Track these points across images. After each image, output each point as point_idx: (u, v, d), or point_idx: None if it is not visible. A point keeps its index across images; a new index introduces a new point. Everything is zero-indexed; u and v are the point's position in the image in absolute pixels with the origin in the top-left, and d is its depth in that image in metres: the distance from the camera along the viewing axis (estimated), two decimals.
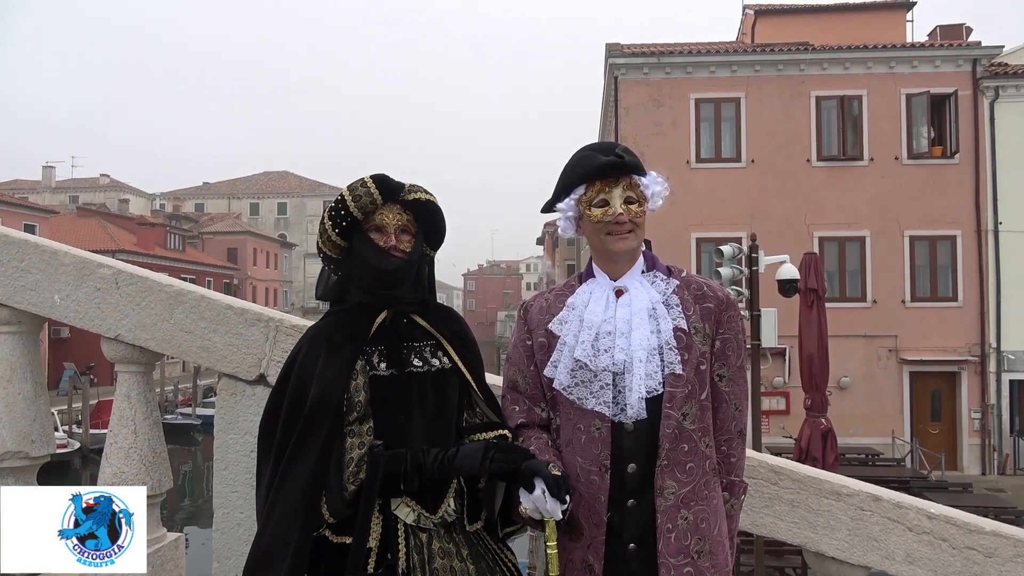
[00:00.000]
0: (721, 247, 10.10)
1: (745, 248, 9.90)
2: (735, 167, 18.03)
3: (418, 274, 1.83)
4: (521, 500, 1.64)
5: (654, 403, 1.67)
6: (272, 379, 2.25)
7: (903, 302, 17.66)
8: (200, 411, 31.08)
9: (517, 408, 1.83)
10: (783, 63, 17.95)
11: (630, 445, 1.68)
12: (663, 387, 1.68)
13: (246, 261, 48.79)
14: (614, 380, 1.70)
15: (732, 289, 9.33)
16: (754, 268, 9.48)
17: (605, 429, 1.69)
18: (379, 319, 1.76)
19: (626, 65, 18.20)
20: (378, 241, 1.77)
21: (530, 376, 1.82)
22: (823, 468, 7.36)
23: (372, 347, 1.74)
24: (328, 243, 1.82)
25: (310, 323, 2.32)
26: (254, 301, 41.76)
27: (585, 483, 1.68)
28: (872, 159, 17.78)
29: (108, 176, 56.44)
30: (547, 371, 1.77)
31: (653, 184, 1.77)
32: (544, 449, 1.73)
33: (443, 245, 1.92)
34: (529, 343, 1.84)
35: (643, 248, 1.85)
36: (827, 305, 9.44)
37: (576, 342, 1.73)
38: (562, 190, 1.80)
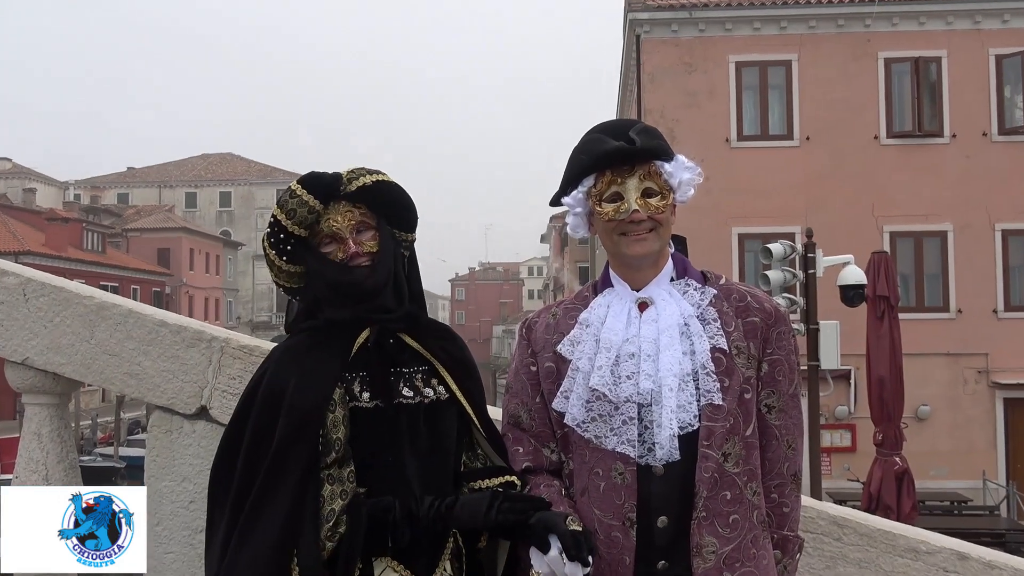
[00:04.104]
0: (769, 246, 10.10)
1: (799, 246, 9.92)
2: (786, 146, 18.06)
3: (396, 276, 1.84)
4: (533, 562, 1.64)
5: (688, 441, 1.68)
6: (216, 412, 2.26)
7: (995, 312, 17.66)
8: (124, 451, 30.97)
9: (521, 449, 1.84)
10: (844, 18, 18.01)
11: (660, 493, 1.68)
12: (699, 421, 1.69)
13: (181, 264, 48.79)
14: (639, 414, 1.71)
15: (783, 298, 9.35)
16: (810, 271, 9.49)
17: (629, 474, 1.69)
18: (360, 339, 1.77)
19: (650, 21, 18.26)
20: (336, 254, 1.79)
21: (536, 410, 1.83)
22: (898, 519, 7.36)
23: (352, 373, 1.75)
24: (281, 274, 1.85)
25: (261, 342, 2.34)
26: (190, 314, 41.33)
27: (606, 541, 1.69)
28: (954, 135, 17.82)
29: (10, 160, 56.52)
30: (556, 403, 1.78)
31: (680, 171, 1.78)
32: (556, 499, 1.73)
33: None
34: (534, 369, 1.85)
35: (672, 249, 1.86)
36: (901, 316, 9.45)
37: (592, 367, 1.74)
38: (568, 181, 1.82)
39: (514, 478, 1.80)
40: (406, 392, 1.78)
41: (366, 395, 1.74)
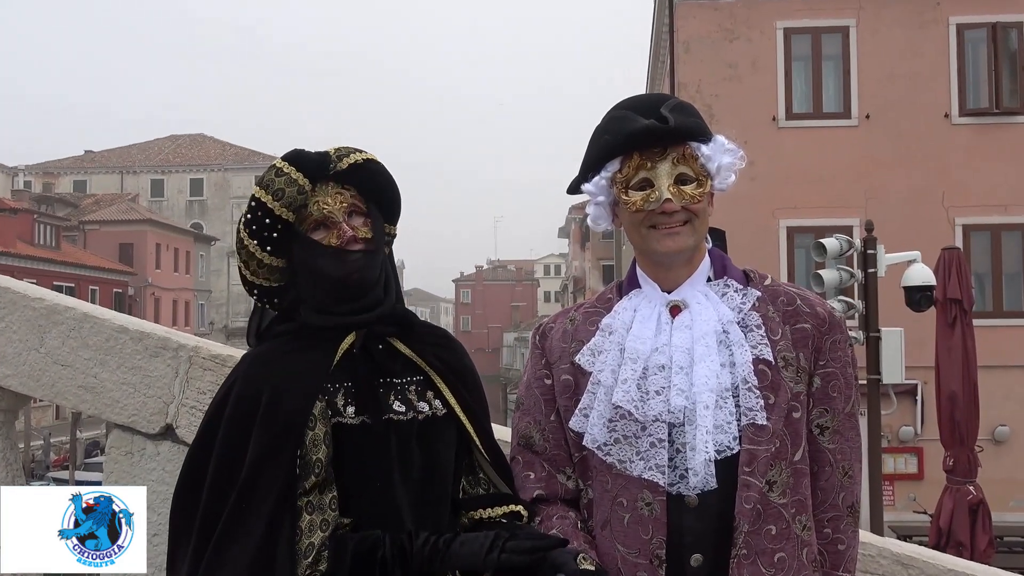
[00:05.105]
0: (823, 240, 10.07)
1: (857, 242, 9.88)
2: (842, 126, 18.01)
3: (384, 270, 1.85)
4: None
5: (727, 467, 1.68)
6: (183, 432, 2.27)
7: None
8: (81, 475, 31.14)
9: (532, 475, 1.84)
10: None
11: (694, 527, 1.69)
12: (739, 444, 1.69)
13: (145, 262, 49.07)
14: (670, 435, 1.71)
15: (839, 301, 9.32)
16: (871, 270, 9.45)
17: (658, 505, 1.69)
18: (344, 344, 1.78)
19: None
20: (330, 239, 1.78)
21: (550, 430, 1.83)
22: (971, 557, 7.32)
23: (335, 384, 1.76)
24: (260, 269, 1.83)
25: (236, 351, 2.34)
26: (157, 319, 41.26)
27: None
28: None
29: None
30: (574, 423, 1.79)
31: (719, 154, 1.78)
32: (572, 534, 1.74)
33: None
34: (548, 382, 1.85)
35: (709, 245, 1.86)
36: (975, 323, 9.40)
37: (615, 381, 1.74)
38: (590, 166, 1.82)
39: (520, 508, 1.80)
40: (397, 407, 1.78)
41: (351, 409, 1.75)
